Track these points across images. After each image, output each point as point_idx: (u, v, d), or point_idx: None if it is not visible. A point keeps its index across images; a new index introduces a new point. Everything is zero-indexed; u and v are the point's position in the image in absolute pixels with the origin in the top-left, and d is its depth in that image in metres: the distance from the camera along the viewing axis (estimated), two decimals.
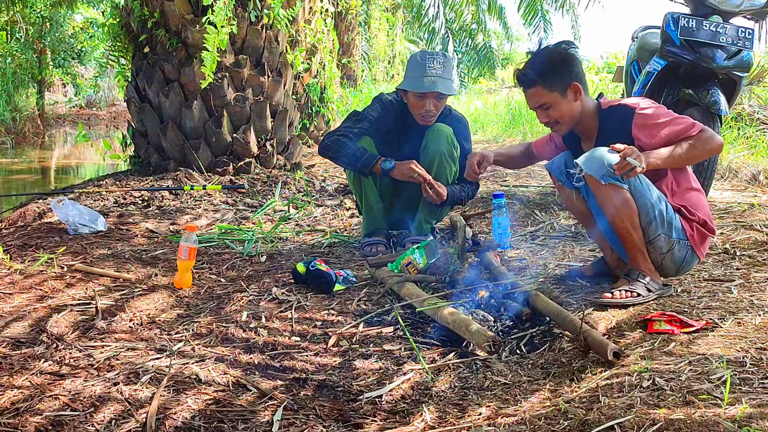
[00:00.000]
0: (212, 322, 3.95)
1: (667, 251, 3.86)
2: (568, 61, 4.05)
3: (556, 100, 4.03)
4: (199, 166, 8.51)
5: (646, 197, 3.78)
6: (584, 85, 4.07)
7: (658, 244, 3.84)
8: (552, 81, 4.01)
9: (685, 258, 3.93)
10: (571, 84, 4.01)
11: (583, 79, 4.07)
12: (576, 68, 4.06)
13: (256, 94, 8.91)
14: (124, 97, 9.65)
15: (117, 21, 9.38)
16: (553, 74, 4.02)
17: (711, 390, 2.57)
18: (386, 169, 5.19)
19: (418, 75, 5.25)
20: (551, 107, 4.06)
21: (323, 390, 3.16)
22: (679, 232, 3.86)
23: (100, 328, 3.77)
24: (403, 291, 4.28)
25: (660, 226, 3.82)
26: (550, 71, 4.02)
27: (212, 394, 3.02)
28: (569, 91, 4.02)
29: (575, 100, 4.04)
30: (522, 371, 3.26)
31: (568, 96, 4.02)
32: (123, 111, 28.04)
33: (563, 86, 4.01)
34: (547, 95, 4.04)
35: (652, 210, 3.79)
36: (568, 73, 4.03)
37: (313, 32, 10.73)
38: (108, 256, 5.25)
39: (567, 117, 4.07)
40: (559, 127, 4.13)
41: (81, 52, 26.70)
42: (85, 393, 2.97)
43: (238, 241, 5.85)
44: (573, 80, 4.01)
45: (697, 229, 3.91)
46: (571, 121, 4.09)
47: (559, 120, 4.09)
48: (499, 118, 14.89)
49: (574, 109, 4.05)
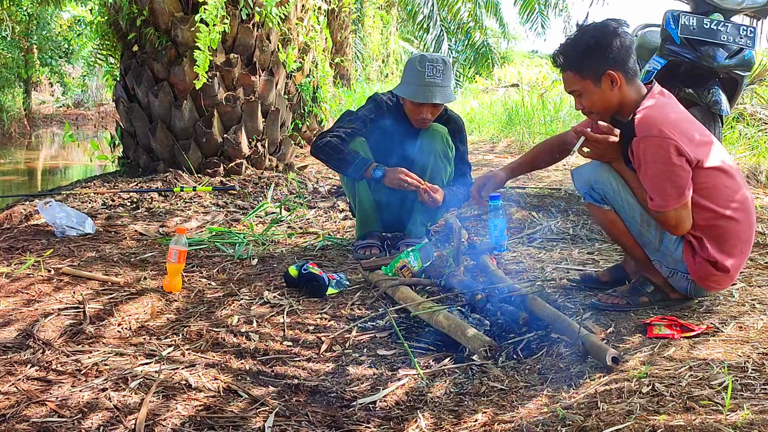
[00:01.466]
0: (202, 327, 3.94)
1: (668, 277, 3.77)
2: (605, 46, 3.68)
3: (588, 89, 3.75)
4: (189, 167, 8.49)
5: (631, 222, 3.72)
6: (627, 72, 3.71)
7: (657, 267, 3.78)
8: (583, 67, 3.73)
9: (688, 288, 3.75)
10: (606, 72, 3.68)
11: (625, 66, 3.70)
12: (615, 54, 3.67)
13: (247, 93, 8.90)
14: (113, 97, 9.63)
15: (105, 19, 9.34)
16: (585, 60, 3.72)
17: (712, 396, 2.57)
18: (376, 177, 5.19)
19: (417, 83, 5.23)
20: (582, 95, 3.79)
21: (316, 396, 3.16)
22: (677, 263, 3.70)
23: (88, 333, 3.76)
24: (398, 295, 4.28)
25: (653, 254, 3.75)
26: (581, 56, 3.73)
27: (202, 400, 3.01)
28: (604, 80, 3.69)
29: (611, 90, 3.71)
30: (519, 377, 3.26)
31: (602, 85, 3.70)
32: (111, 111, 28.05)
33: (596, 74, 3.70)
34: (578, 82, 3.77)
35: (641, 236, 3.73)
36: (604, 59, 3.68)
37: (305, 30, 10.71)
38: (96, 259, 5.24)
39: (599, 107, 3.78)
40: (593, 117, 3.86)
41: (68, 51, 26.70)
42: (72, 399, 2.96)
43: (228, 244, 5.84)
44: (609, 68, 3.67)
45: (701, 266, 3.63)
46: (605, 112, 3.80)
47: (591, 110, 3.82)
48: (496, 119, 14.85)
49: (610, 99, 3.73)
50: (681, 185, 3.48)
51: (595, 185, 3.67)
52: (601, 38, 3.71)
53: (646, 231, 3.69)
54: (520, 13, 22.61)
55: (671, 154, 3.45)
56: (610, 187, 3.67)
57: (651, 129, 3.50)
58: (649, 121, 3.55)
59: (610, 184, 3.67)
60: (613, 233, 3.80)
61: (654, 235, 3.68)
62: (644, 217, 3.67)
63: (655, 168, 3.49)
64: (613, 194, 3.67)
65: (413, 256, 4.68)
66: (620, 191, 3.66)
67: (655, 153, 3.48)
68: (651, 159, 3.49)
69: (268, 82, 9.10)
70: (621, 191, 3.65)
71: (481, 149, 12.08)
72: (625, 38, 3.72)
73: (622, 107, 3.76)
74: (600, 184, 3.67)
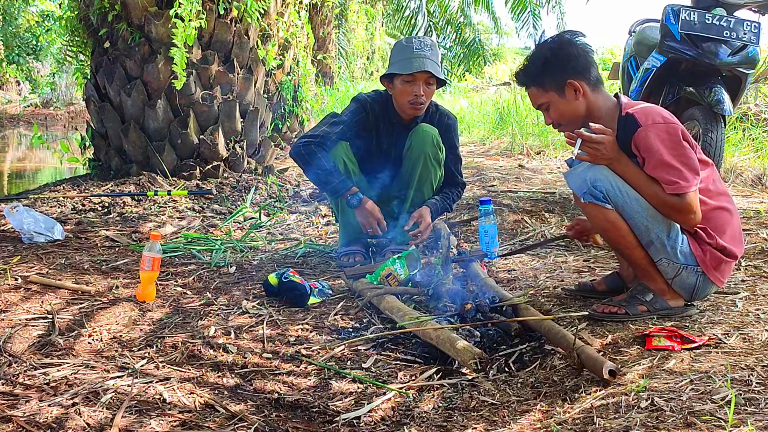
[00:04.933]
0: (178, 339, 3.92)
1: (675, 276, 3.76)
2: (562, 57, 3.90)
3: (553, 100, 3.92)
4: (164, 170, 8.46)
5: (636, 219, 3.70)
6: (589, 80, 3.89)
7: (662, 268, 3.76)
8: (545, 79, 3.92)
9: (696, 284, 3.77)
10: (567, 82, 3.85)
11: (585, 75, 3.88)
12: (575, 63, 3.88)
13: (224, 92, 8.88)
14: (83, 96, 9.60)
15: (75, 14, 9.31)
16: (545, 73, 3.91)
17: (714, 411, 2.57)
18: (351, 205, 5.22)
19: (406, 57, 5.25)
20: (550, 108, 3.97)
21: (297, 411, 3.15)
22: (687, 257, 3.72)
23: (57, 345, 3.74)
24: (383, 304, 4.27)
25: (660, 251, 3.73)
26: (541, 70, 3.92)
27: (178, 416, 3.00)
28: (567, 90, 3.87)
29: (576, 99, 3.87)
30: (511, 390, 3.26)
31: (566, 95, 3.88)
32: (82, 111, 27.91)
33: (559, 84, 3.88)
34: (543, 95, 3.95)
35: (647, 233, 3.71)
36: (563, 69, 3.87)
37: (286, 26, 10.70)
38: (66, 266, 5.23)
39: (567, 117, 3.93)
40: (563, 129, 3.96)
41: (37, 48, 26.66)
42: (41, 415, 2.94)
43: (205, 251, 5.83)
44: (569, 77, 3.85)
45: (711, 254, 3.72)
46: (573, 122, 3.91)
47: (559, 121, 3.99)
48: (487, 118, 14.87)
49: (577, 108, 3.89)
50: (695, 167, 3.61)
51: (596, 183, 3.67)
52: (557, 50, 3.95)
53: (654, 226, 3.68)
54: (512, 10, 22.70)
55: (680, 137, 3.63)
56: (611, 184, 3.67)
57: (655, 117, 3.67)
58: (650, 111, 3.72)
59: (612, 181, 3.67)
60: (613, 235, 3.79)
61: (662, 230, 3.69)
62: (651, 212, 3.68)
63: (669, 152, 3.59)
64: (615, 191, 3.67)
65: (399, 264, 4.68)
66: (622, 187, 3.66)
67: (666, 138, 3.62)
68: (662, 144, 3.61)
69: (246, 81, 9.09)
70: (622, 187, 3.66)
71: (474, 152, 12.10)
72: (582, 48, 3.95)
73: (592, 116, 3.90)
74: (601, 182, 3.66)
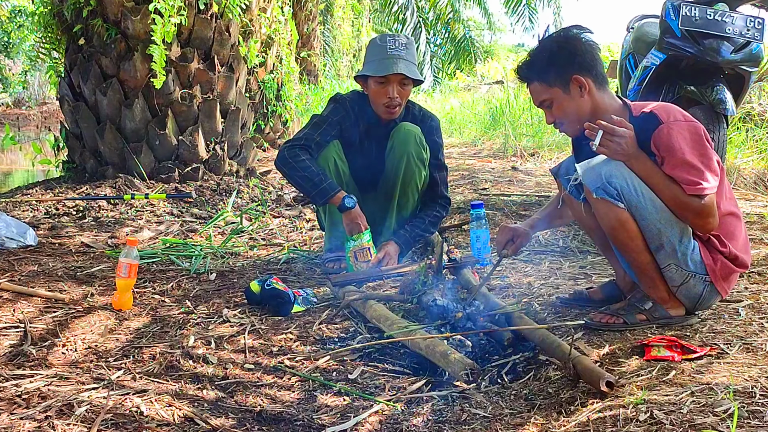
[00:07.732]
0: (155, 349, 3.91)
1: (681, 284, 3.73)
2: (569, 51, 3.84)
3: (557, 96, 3.85)
4: (141, 173, 8.45)
5: (649, 220, 3.65)
6: (596, 77, 3.84)
7: (669, 274, 3.74)
8: (549, 75, 3.85)
9: (702, 294, 3.75)
10: (573, 77, 3.79)
11: (592, 71, 3.83)
12: (581, 58, 3.82)
13: (204, 91, 8.88)
14: (57, 95, 9.60)
15: (48, 9, 9.30)
16: (550, 67, 3.84)
17: (716, 424, 2.57)
18: (345, 208, 5.19)
19: (380, 58, 5.28)
20: (552, 105, 3.90)
21: (280, 425, 3.14)
22: (696, 265, 3.69)
23: (30, 355, 3.73)
24: (370, 313, 4.26)
25: (669, 256, 3.70)
26: (547, 63, 3.85)
27: (156, 430, 2.99)
28: (572, 86, 3.81)
29: (581, 96, 3.82)
30: (504, 403, 3.26)
31: (571, 91, 3.82)
32: (55, 110, 27.92)
33: (564, 80, 3.81)
34: (546, 91, 3.88)
35: (659, 236, 3.67)
36: (569, 64, 3.80)
37: (268, 22, 10.72)
38: (39, 273, 5.21)
39: (571, 115, 3.87)
40: (565, 128, 3.96)
41: (8, 44, 26.59)
42: (13, 428, 2.92)
43: (184, 257, 5.83)
44: (575, 72, 3.79)
45: (722, 264, 3.70)
46: (577, 121, 3.85)
47: (562, 119, 3.92)
48: (478, 119, 14.87)
49: (581, 105, 3.83)
50: (716, 169, 3.58)
51: (612, 179, 3.63)
52: (564, 43, 3.89)
53: (667, 229, 3.64)
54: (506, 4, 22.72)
55: (702, 137, 3.59)
56: (627, 181, 3.64)
57: (676, 115, 3.63)
58: (670, 109, 3.68)
59: (627, 179, 3.65)
60: (621, 236, 3.76)
61: (675, 235, 3.65)
62: (666, 214, 3.64)
63: (691, 151, 3.55)
64: (630, 189, 3.63)
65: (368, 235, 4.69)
66: (638, 186, 3.64)
67: (688, 137, 3.57)
68: (684, 143, 3.56)
69: (227, 79, 9.09)
70: (638, 186, 3.64)
71: (465, 153, 12.10)
72: (589, 44, 3.89)
73: (596, 115, 3.80)
74: (617, 178, 3.63)
